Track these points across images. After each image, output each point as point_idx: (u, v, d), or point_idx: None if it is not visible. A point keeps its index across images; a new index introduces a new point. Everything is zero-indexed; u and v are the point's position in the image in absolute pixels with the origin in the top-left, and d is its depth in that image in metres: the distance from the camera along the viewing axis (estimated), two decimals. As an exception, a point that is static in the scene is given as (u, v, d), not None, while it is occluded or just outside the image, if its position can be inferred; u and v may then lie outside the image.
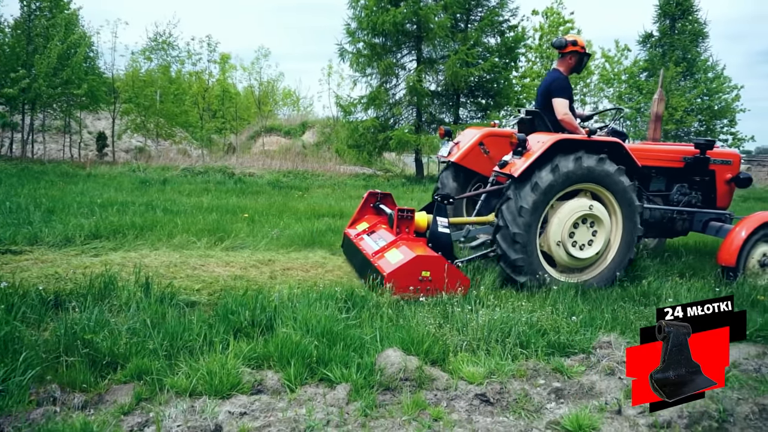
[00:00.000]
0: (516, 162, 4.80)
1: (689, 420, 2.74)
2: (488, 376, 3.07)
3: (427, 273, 4.42)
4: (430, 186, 16.21)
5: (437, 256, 4.56)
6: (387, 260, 4.66)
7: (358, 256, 5.25)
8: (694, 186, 6.10)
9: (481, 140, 5.98)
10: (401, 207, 5.09)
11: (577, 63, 5.61)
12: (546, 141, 4.71)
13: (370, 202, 6.04)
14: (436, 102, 18.77)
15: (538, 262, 4.87)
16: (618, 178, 4.92)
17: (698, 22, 22.69)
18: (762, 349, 3.79)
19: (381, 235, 5.28)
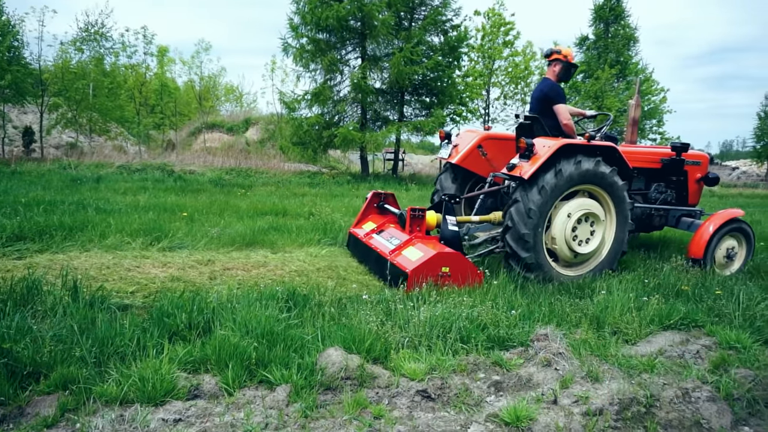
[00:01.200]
0: (524, 165, 5.05)
1: (619, 407, 2.86)
2: (430, 372, 3.09)
3: (446, 269, 4.63)
4: (375, 183, 16.25)
5: (456, 253, 4.78)
6: (406, 257, 4.84)
7: (371, 254, 5.39)
8: (669, 185, 6.59)
9: (480, 143, 6.18)
10: (413, 207, 5.28)
11: (563, 71, 5.97)
12: (552, 146, 5.00)
13: (373, 202, 6.21)
14: (381, 99, 18.83)
15: (544, 258, 5.17)
16: (613, 180, 5.32)
17: (629, 27, 23.85)
18: (685, 336, 4.01)
19: (392, 233, 5.47)
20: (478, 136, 6.26)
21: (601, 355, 3.52)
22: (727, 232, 5.92)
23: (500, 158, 6.14)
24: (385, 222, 5.85)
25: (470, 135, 6.36)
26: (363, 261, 5.66)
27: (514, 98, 22.65)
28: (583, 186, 5.32)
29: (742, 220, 6.08)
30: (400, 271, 4.67)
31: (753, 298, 4.56)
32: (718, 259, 5.94)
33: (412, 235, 5.15)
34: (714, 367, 3.46)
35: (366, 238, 5.67)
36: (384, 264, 4.97)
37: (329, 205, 9.98)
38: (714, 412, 2.95)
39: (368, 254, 5.50)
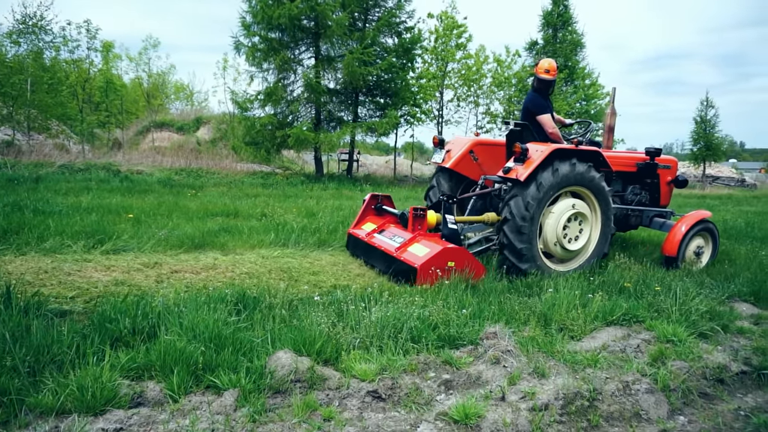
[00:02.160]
0: (519, 168, 5.39)
1: (564, 401, 2.94)
2: (380, 373, 3.09)
3: (452, 263, 4.90)
4: (330, 184, 16.19)
5: (461, 248, 5.10)
6: (413, 254, 5.09)
7: (375, 252, 5.64)
8: (644, 187, 7.07)
9: (471, 149, 6.54)
10: (415, 207, 5.63)
11: (541, 84, 6.33)
12: (544, 150, 5.39)
13: (371, 204, 6.50)
14: (335, 100, 18.77)
15: (537, 252, 5.51)
16: (600, 182, 5.77)
17: (576, 33, 24.64)
18: (627, 331, 4.17)
19: (393, 232, 5.77)
20: (469, 141, 6.60)
21: (547, 352, 3.61)
22: (697, 231, 6.37)
23: (490, 163, 6.57)
24: (385, 222, 6.14)
25: (462, 141, 6.70)
26: (366, 259, 5.88)
27: (467, 100, 23.02)
28: (571, 188, 5.70)
29: (710, 221, 6.54)
30: (408, 266, 4.94)
31: (689, 293, 4.79)
32: (689, 256, 6.37)
33: (416, 232, 5.47)
34: (653, 360, 3.61)
35: (368, 238, 5.91)
36: (390, 260, 5.23)
37: (282, 206, 9.87)
38: (652, 404, 3.08)
39: (372, 253, 5.73)
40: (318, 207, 10.02)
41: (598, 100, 24.26)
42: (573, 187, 5.70)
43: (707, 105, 34.36)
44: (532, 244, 5.40)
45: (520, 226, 5.31)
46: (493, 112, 23.70)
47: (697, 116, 34.48)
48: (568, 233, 5.71)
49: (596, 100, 24.21)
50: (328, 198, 12.38)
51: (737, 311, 4.84)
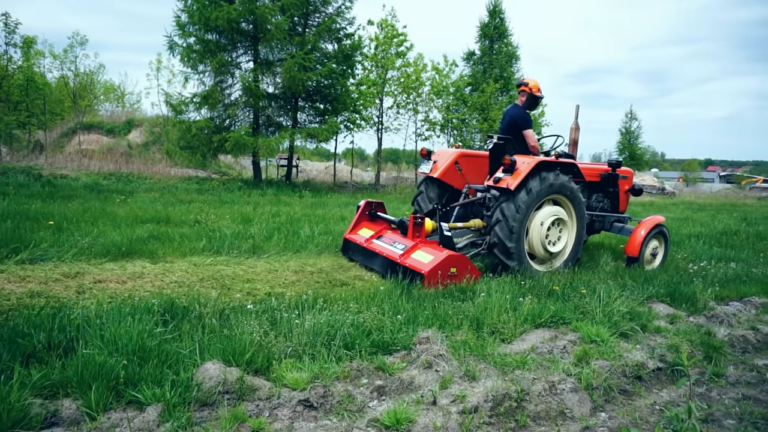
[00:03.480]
0: (508, 178, 5.88)
1: (493, 403, 3.01)
2: (312, 381, 3.05)
3: (454, 269, 5.32)
4: (268, 190, 15.92)
5: (462, 255, 5.52)
6: (418, 260, 5.50)
7: (376, 257, 6.01)
8: (606, 195, 7.80)
9: (456, 160, 7.01)
10: (415, 215, 6.04)
11: (529, 101, 6.80)
12: (531, 162, 5.92)
13: (365, 210, 6.84)
14: (274, 105, 18.49)
15: (524, 252, 6.02)
16: (577, 192, 6.39)
17: (512, 45, 25.48)
18: (554, 333, 4.33)
19: (392, 238, 6.16)
20: (454, 153, 7.08)
21: (479, 355, 3.69)
22: (653, 234, 7.13)
23: (472, 173, 7.13)
24: (383, 229, 6.51)
25: (447, 152, 7.19)
26: (366, 264, 6.21)
27: (406, 107, 23.27)
28: (552, 196, 6.27)
29: (663, 225, 7.30)
30: (414, 272, 5.31)
31: (611, 295, 5.04)
32: (646, 256, 7.09)
33: (418, 240, 5.86)
34: (577, 360, 3.76)
35: (367, 243, 6.25)
36: (393, 265, 5.64)
37: (217, 212, 9.61)
38: (576, 402, 3.21)
39: (372, 257, 6.11)
40: (254, 213, 9.83)
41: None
42: (554, 196, 6.26)
43: (631, 117, 36.49)
44: (520, 244, 5.91)
45: (512, 227, 5.79)
46: (432, 119, 24.09)
47: (622, 128, 36.57)
48: (550, 237, 6.26)
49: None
50: (266, 204, 12.16)
51: (655, 311, 5.13)
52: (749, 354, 4.36)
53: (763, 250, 9.12)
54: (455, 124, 24.00)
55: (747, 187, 55.14)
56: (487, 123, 22.84)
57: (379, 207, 6.92)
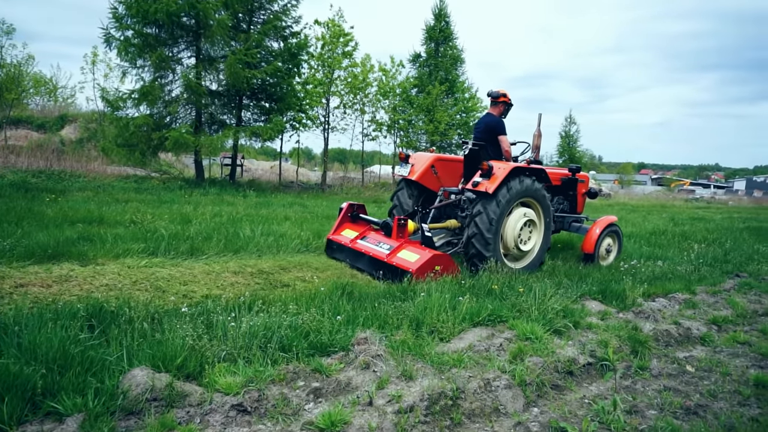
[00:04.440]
0: (486, 183, 6.30)
1: (429, 402, 3.03)
2: (246, 385, 2.98)
3: (438, 267, 5.75)
4: (211, 189, 15.51)
5: (445, 254, 5.99)
6: (404, 259, 5.90)
7: (363, 257, 6.37)
8: (566, 198, 8.41)
9: (433, 164, 7.44)
10: (399, 216, 6.44)
11: (505, 110, 7.43)
12: (506, 168, 6.37)
13: (348, 212, 7.21)
14: (217, 102, 18.04)
15: (500, 255, 6.46)
16: (545, 195, 6.87)
17: (457, 48, 25.94)
18: (491, 331, 4.42)
19: (376, 239, 6.56)
20: (431, 157, 7.51)
21: (417, 354, 3.72)
22: (607, 233, 7.78)
23: (447, 176, 7.57)
24: (365, 230, 6.87)
25: (424, 156, 7.61)
26: (352, 263, 6.54)
27: (353, 108, 23.26)
28: (524, 199, 6.72)
29: (616, 224, 7.99)
30: (402, 270, 5.70)
31: (547, 293, 5.20)
32: (601, 253, 7.74)
33: (403, 240, 6.24)
34: (513, 357, 3.85)
35: (353, 244, 6.60)
36: (380, 264, 6.04)
37: (155, 212, 9.27)
38: (510, 398, 3.29)
39: (358, 257, 6.46)
40: (195, 213, 9.55)
41: (476, 112, 25.65)
42: (525, 199, 6.73)
43: (570, 122, 37.93)
44: (496, 252, 6.37)
45: (487, 239, 6.25)
46: (379, 120, 24.18)
47: (562, 131, 37.97)
48: (522, 236, 6.72)
49: (475, 112, 25.58)
50: (208, 204, 11.84)
51: (588, 308, 5.33)
52: (672, 347, 4.60)
53: (687, 249, 9.66)
54: (402, 125, 24.18)
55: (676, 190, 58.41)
56: (433, 125, 23.15)
57: (360, 209, 7.31)
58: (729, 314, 5.66)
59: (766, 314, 5.90)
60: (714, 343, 4.78)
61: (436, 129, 23.10)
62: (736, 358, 4.42)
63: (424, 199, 7.63)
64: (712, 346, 4.71)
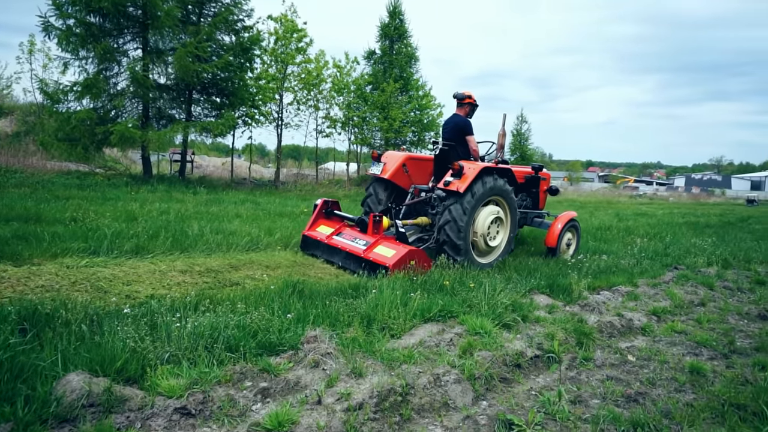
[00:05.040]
0: (457, 182, 6.58)
1: (378, 398, 3.02)
2: (190, 387, 2.89)
3: (413, 261, 5.95)
4: (159, 186, 15.04)
5: (419, 249, 6.17)
6: (381, 254, 6.09)
7: (339, 252, 6.56)
8: (529, 195, 8.80)
9: (404, 162, 7.68)
10: (375, 213, 6.71)
11: (471, 110, 7.68)
12: (476, 168, 6.66)
13: (322, 209, 7.37)
14: (165, 96, 17.48)
15: (470, 247, 6.71)
16: (511, 193, 7.21)
17: (411, 46, 26.02)
18: (442, 326, 4.45)
19: (352, 235, 6.72)
20: (402, 156, 7.75)
21: (368, 351, 3.70)
22: (568, 228, 8.22)
23: (418, 175, 7.85)
24: (340, 226, 7.04)
25: (396, 155, 7.83)
26: (328, 258, 6.72)
27: (307, 104, 23.02)
28: (494, 197, 7.06)
29: (576, 219, 8.47)
30: (379, 265, 5.88)
31: (497, 288, 5.29)
32: (562, 246, 8.19)
33: (379, 236, 6.45)
34: (462, 352, 3.89)
35: (329, 240, 6.76)
36: (357, 259, 6.23)
37: (98, 209, 8.90)
38: (459, 392, 3.32)
39: (335, 252, 6.64)
40: (141, 211, 9.22)
41: (430, 110, 25.84)
42: (493, 197, 7.04)
43: (522, 120, 38.79)
44: (466, 241, 6.61)
45: (460, 227, 6.49)
46: (333, 117, 24.02)
47: (514, 129, 38.79)
48: (491, 233, 7.04)
49: (429, 110, 25.76)
50: (156, 201, 11.46)
51: (536, 302, 5.46)
52: (615, 338, 4.76)
53: (630, 244, 10.05)
54: (356, 122, 24.10)
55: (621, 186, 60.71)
56: (387, 122, 23.18)
57: (334, 206, 7.49)
58: (668, 305, 5.92)
59: (701, 304, 6.20)
60: (653, 333, 4.98)
61: (391, 126, 23.15)
62: (674, 347, 4.62)
63: (396, 197, 7.88)
64: (652, 336, 4.91)
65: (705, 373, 4.00)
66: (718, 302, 6.37)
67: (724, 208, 31.55)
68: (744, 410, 3.36)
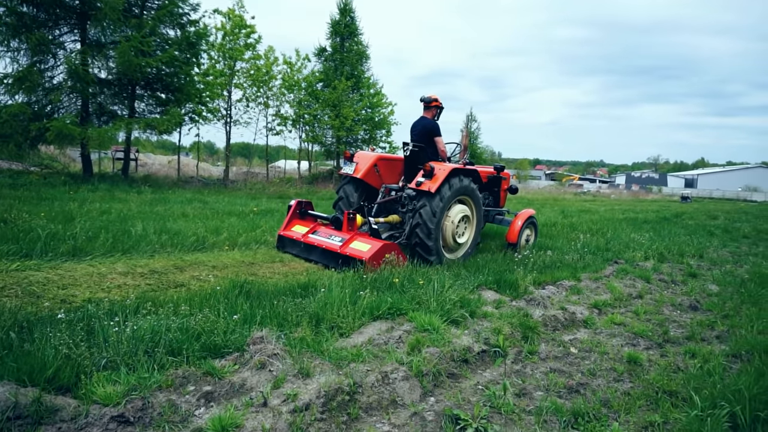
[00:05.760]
0: (428, 183, 6.86)
1: (326, 398, 3.00)
2: (128, 394, 2.78)
3: (388, 256, 6.23)
4: (101, 185, 14.44)
5: (393, 243, 6.50)
6: (357, 249, 6.35)
7: (316, 250, 6.84)
8: (491, 193, 9.23)
9: (375, 162, 7.96)
10: (349, 211, 7.04)
11: (438, 113, 8.06)
12: (446, 169, 6.96)
13: (297, 209, 7.67)
14: (107, 91, 16.79)
15: (440, 247, 7.06)
16: (477, 193, 7.61)
17: (362, 44, 25.99)
18: (391, 324, 4.46)
19: (327, 232, 7.02)
20: (374, 157, 8.02)
21: (315, 351, 3.67)
22: (527, 224, 8.76)
23: (388, 174, 8.18)
24: (315, 225, 7.37)
25: (367, 156, 8.11)
26: (306, 256, 6.97)
27: (256, 101, 22.62)
28: (462, 197, 7.40)
29: (534, 217, 9.02)
30: (355, 259, 6.13)
31: (445, 285, 5.35)
32: (522, 242, 8.67)
33: (354, 233, 6.77)
34: (411, 349, 3.91)
35: (305, 238, 7.04)
36: (335, 255, 6.51)
37: (32, 210, 8.45)
38: (407, 389, 3.33)
39: (311, 250, 6.93)
40: (80, 211, 8.82)
41: (382, 108, 25.91)
42: (462, 196, 7.40)
43: (471, 119, 39.49)
44: (437, 242, 6.94)
45: (430, 230, 6.81)
46: (284, 114, 23.71)
47: (462, 129, 39.47)
48: (459, 230, 7.40)
49: (380, 108, 25.82)
50: (96, 201, 10.98)
51: (483, 298, 5.56)
52: (558, 331, 4.91)
53: (574, 240, 10.39)
54: (307, 120, 23.88)
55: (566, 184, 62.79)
56: (339, 120, 23.09)
57: (308, 206, 7.82)
58: (608, 298, 6.15)
59: (639, 297, 6.48)
60: (595, 326, 5.17)
61: (342, 124, 23.06)
62: (613, 338, 4.81)
63: (367, 196, 8.17)
64: (593, 329, 5.09)
65: (641, 363, 4.18)
66: (654, 294, 6.68)
67: (660, 205, 33.13)
68: (675, 396, 3.54)
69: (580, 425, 3.09)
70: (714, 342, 4.91)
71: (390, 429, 2.92)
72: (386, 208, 7.96)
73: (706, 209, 29.47)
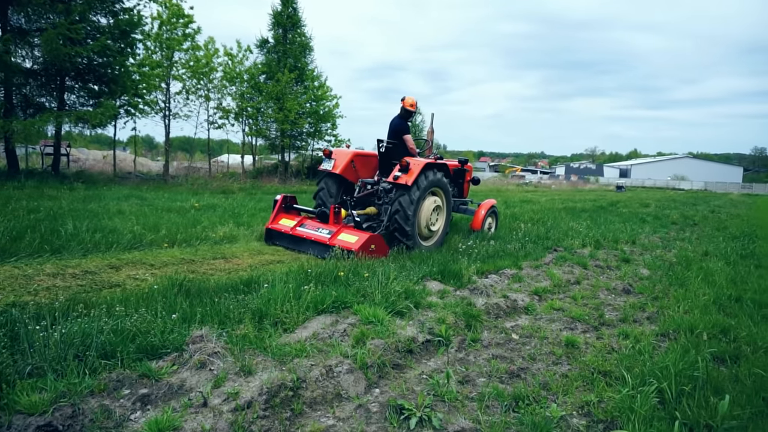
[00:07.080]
0: (404, 176, 7.52)
1: (268, 395, 2.94)
2: (56, 401, 2.63)
3: (374, 246, 6.84)
4: (28, 182, 13.65)
5: (378, 235, 7.14)
6: (345, 240, 6.91)
7: (305, 242, 7.39)
8: (456, 185, 9.86)
9: (352, 159, 8.59)
10: (335, 205, 7.77)
11: (406, 113, 8.78)
12: (420, 164, 7.67)
13: (282, 204, 8.16)
14: (32, 82, 15.84)
15: (416, 233, 7.78)
16: (448, 185, 8.38)
17: (305, 35, 25.63)
18: (336, 317, 4.44)
19: (315, 225, 7.60)
20: (350, 153, 8.68)
21: (258, 348, 3.60)
22: (489, 213, 9.68)
23: (364, 170, 8.87)
24: (302, 219, 7.90)
25: (345, 152, 8.75)
26: (295, 248, 7.53)
27: (197, 93, 21.94)
28: (434, 189, 8.10)
29: (495, 206, 9.98)
30: (345, 249, 6.58)
31: (390, 277, 5.37)
32: (485, 229, 9.50)
33: (341, 225, 7.41)
34: (355, 342, 3.91)
35: (294, 231, 7.59)
36: (324, 246, 7.04)
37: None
38: (351, 382, 3.33)
39: (300, 242, 7.50)
40: (4, 210, 8.29)
41: (326, 101, 25.68)
42: (433, 189, 8.07)
43: (416, 112, 39.74)
44: (413, 228, 7.61)
45: (407, 215, 7.46)
46: (226, 107, 23.11)
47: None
48: (432, 219, 8.09)
49: (325, 101, 25.59)
50: (22, 198, 10.36)
51: (428, 289, 5.61)
52: (501, 319, 5.04)
53: (516, 229, 10.68)
54: (250, 113, 23.38)
55: (509, 176, 64.49)
56: (283, 113, 22.73)
57: (293, 200, 8.35)
58: (548, 285, 6.36)
59: (577, 282, 6.74)
60: (535, 312, 5.33)
61: (287, 117, 22.72)
62: (553, 323, 4.98)
63: (345, 190, 8.77)
64: (534, 315, 5.25)
65: (579, 346, 4.35)
66: (590, 280, 6.96)
67: (597, 194, 34.57)
68: (609, 376, 3.70)
69: (521, 408, 3.18)
70: (645, 323, 5.17)
71: (334, 422, 2.90)
72: (362, 200, 8.60)
73: (639, 198, 30.99)
